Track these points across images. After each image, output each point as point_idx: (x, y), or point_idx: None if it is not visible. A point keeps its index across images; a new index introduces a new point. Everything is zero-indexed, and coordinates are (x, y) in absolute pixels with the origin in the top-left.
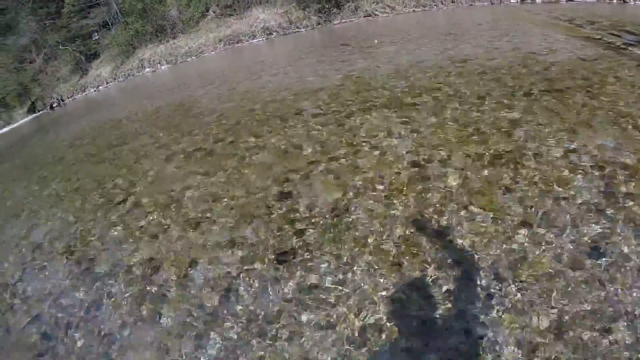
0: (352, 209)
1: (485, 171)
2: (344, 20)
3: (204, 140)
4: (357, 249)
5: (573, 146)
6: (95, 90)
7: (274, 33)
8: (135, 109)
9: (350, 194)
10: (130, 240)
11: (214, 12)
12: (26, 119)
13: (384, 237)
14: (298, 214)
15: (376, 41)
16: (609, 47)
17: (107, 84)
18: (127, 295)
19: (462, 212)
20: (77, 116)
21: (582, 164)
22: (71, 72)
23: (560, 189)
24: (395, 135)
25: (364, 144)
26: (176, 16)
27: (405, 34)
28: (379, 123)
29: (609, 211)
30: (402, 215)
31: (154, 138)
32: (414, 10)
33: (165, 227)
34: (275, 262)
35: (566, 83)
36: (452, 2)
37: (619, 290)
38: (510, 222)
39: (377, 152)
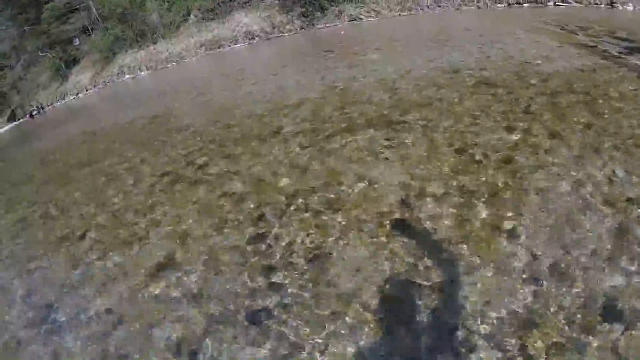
0: (334, 256)
1: (484, 212)
2: (327, 25)
3: (174, 161)
4: (339, 310)
5: (579, 176)
6: (74, 98)
7: (257, 38)
8: (110, 120)
9: (332, 238)
10: (89, 286)
11: (196, 17)
12: (7, 128)
13: (369, 295)
14: (273, 261)
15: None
16: (605, 56)
17: (86, 91)
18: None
19: (459, 263)
20: (54, 127)
21: (592, 199)
22: (51, 78)
23: (570, 232)
24: (382, 163)
25: (347, 172)
26: (157, 21)
27: (391, 40)
28: (364, 145)
29: (623, 262)
30: (390, 267)
31: (123, 157)
32: (399, 14)
33: (125, 272)
34: (246, 322)
35: (567, 98)
36: (439, 6)
37: None
38: (515, 277)
39: (362, 184)
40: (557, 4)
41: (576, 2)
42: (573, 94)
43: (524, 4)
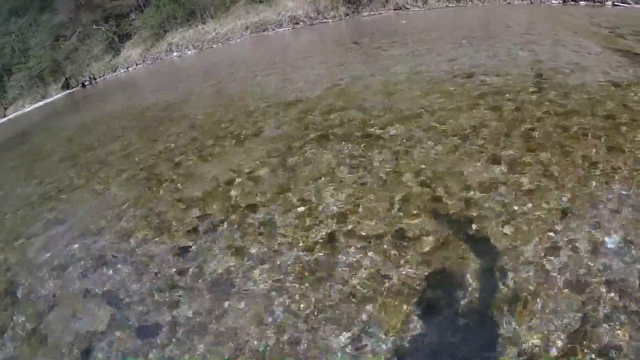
0: (236, 289)
1: (403, 273)
2: (372, 13)
3: (157, 157)
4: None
5: (563, 240)
6: (124, 72)
7: (301, 23)
8: (136, 101)
9: (243, 269)
10: None
11: None
12: (60, 95)
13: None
14: (181, 282)
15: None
16: None
17: (136, 65)
18: None
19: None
20: (98, 99)
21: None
22: (104, 51)
23: None
24: (333, 187)
25: (296, 191)
26: (208, 1)
27: (424, 34)
28: (328, 161)
29: None
30: (287, 306)
31: (124, 145)
32: (447, 5)
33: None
34: None
35: (583, 122)
36: None
37: None
38: None
39: (303, 208)
40: (615, 4)
41: (637, 3)
42: (592, 117)
43: (581, 2)
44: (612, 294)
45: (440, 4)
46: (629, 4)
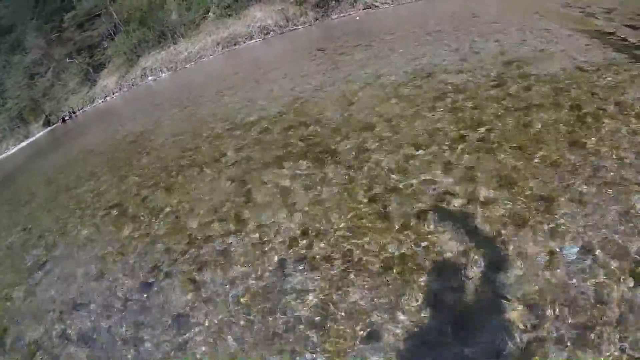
0: (193, 320)
1: (356, 296)
2: (342, 15)
3: (126, 191)
4: None
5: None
6: (102, 101)
7: (271, 32)
8: (110, 133)
9: (196, 304)
10: None
11: (214, 14)
12: (42, 132)
13: None
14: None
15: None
16: (620, 47)
17: (113, 94)
18: None
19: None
20: (78, 134)
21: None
22: (80, 83)
23: None
24: (286, 209)
25: (251, 218)
26: (177, 20)
27: (389, 34)
28: (283, 184)
29: None
30: (240, 337)
31: (97, 184)
32: (416, 0)
33: None
34: None
35: (544, 116)
36: None
37: None
38: None
39: (256, 235)
40: None
41: None
42: (556, 109)
43: None
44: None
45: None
46: None
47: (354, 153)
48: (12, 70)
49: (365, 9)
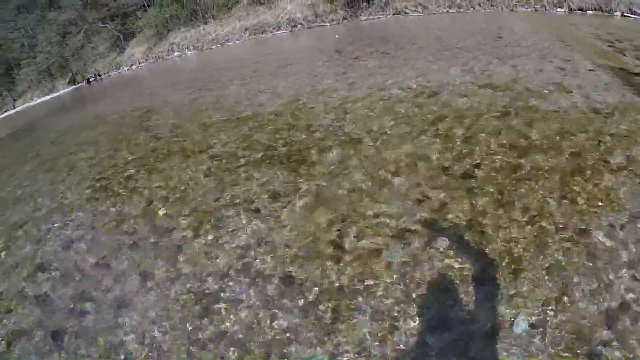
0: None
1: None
2: (371, 17)
3: (116, 165)
4: None
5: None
6: (128, 69)
7: (299, 26)
8: (126, 104)
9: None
10: None
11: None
12: (67, 90)
13: None
14: None
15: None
16: None
17: (139, 64)
18: None
19: None
20: (97, 99)
21: None
22: (109, 49)
23: None
24: (255, 222)
25: (211, 218)
26: (210, 2)
27: (410, 43)
28: (255, 190)
29: None
30: None
31: (95, 153)
32: (447, 11)
33: None
34: None
35: (539, 159)
36: (492, 5)
37: None
38: None
39: (209, 238)
40: (624, 14)
41: None
42: (553, 155)
43: (588, 11)
44: None
45: (441, 10)
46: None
47: (332, 168)
48: (46, 25)
49: (395, 14)
